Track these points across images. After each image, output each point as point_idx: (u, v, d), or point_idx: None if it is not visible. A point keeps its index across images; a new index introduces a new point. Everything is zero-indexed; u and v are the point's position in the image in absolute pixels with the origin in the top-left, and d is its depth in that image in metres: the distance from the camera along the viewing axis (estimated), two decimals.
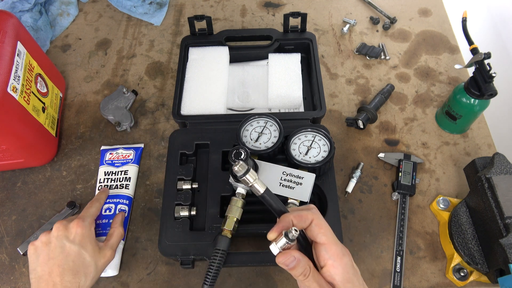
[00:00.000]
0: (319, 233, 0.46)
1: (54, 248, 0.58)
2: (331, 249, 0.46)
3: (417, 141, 0.83)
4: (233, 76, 0.86)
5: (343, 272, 0.45)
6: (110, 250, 0.62)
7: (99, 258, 0.60)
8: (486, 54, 0.71)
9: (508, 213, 0.59)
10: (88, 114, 0.88)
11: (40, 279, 0.57)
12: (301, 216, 0.47)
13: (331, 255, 0.46)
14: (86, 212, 0.65)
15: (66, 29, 1.03)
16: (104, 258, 0.61)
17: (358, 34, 1.00)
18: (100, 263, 0.60)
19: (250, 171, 0.48)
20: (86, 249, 0.59)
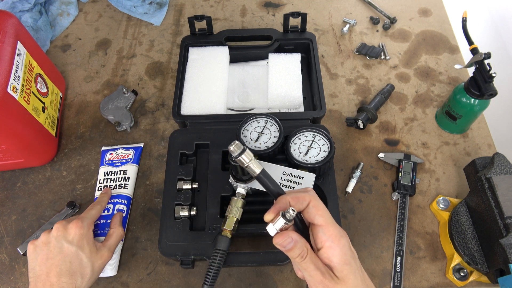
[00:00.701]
0: (316, 215, 0.46)
1: (53, 248, 0.59)
2: (328, 231, 0.45)
3: (417, 141, 0.83)
4: (233, 76, 0.86)
5: (341, 254, 0.45)
6: (107, 251, 0.62)
7: (96, 259, 0.60)
8: (486, 54, 0.71)
9: (508, 213, 0.59)
10: (88, 114, 0.88)
11: (38, 278, 0.57)
12: (298, 198, 0.46)
13: (328, 237, 0.45)
14: (86, 214, 0.65)
15: (66, 29, 1.03)
16: (101, 259, 0.61)
17: (358, 34, 1.00)
18: (97, 264, 0.60)
19: (246, 151, 0.47)
20: (83, 250, 0.59)
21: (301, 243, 0.45)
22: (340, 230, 0.46)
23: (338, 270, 0.45)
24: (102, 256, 0.61)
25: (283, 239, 0.44)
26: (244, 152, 0.47)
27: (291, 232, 0.45)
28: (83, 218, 0.63)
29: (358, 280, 0.45)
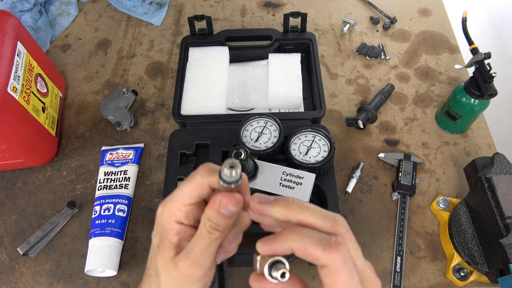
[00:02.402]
0: (329, 287, 0.32)
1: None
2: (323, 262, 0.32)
3: (417, 141, 0.83)
4: (233, 76, 0.86)
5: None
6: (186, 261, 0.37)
7: (166, 268, 0.39)
8: (486, 54, 0.71)
9: (508, 213, 0.59)
10: (88, 114, 0.88)
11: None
12: (309, 253, 0.32)
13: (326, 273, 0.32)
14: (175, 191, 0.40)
15: (66, 29, 1.03)
16: (175, 271, 0.38)
17: (358, 34, 1.00)
18: (166, 277, 0.39)
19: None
20: (158, 247, 0.40)
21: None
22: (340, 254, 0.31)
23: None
24: (176, 266, 0.37)
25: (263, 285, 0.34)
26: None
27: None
28: (170, 197, 0.39)
29: None
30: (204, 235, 0.36)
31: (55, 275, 0.70)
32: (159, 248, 0.39)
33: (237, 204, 0.36)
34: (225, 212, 0.36)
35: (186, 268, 0.36)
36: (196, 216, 0.39)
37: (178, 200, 0.38)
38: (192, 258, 0.36)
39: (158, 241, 0.39)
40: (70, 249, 0.72)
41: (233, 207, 0.36)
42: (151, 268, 0.41)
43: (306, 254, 0.32)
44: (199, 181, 0.37)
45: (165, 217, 0.38)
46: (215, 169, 0.37)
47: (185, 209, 0.38)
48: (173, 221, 0.38)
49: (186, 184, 0.38)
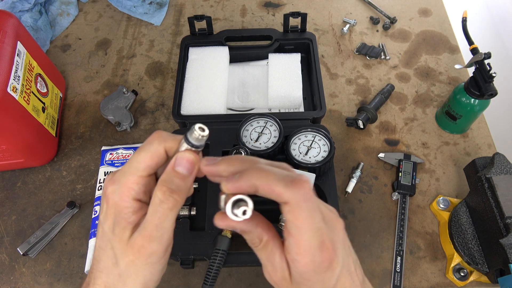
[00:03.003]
0: (292, 224, 0.33)
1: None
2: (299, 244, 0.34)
3: (417, 141, 0.83)
4: (233, 76, 0.86)
5: (308, 253, 0.33)
6: (143, 238, 0.35)
7: (122, 251, 0.36)
8: (486, 54, 0.71)
9: (508, 213, 0.59)
10: (88, 114, 0.88)
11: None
12: (272, 188, 0.33)
13: (297, 249, 0.34)
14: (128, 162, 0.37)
15: (66, 29, 1.03)
16: (132, 253, 0.35)
17: (358, 34, 1.00)
18: (124, 262, 0.36)
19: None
20: (108, 228, 0.37)
21: (256, 233, 0.36)
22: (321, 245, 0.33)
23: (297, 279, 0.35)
24: (133, 247, 0.35)
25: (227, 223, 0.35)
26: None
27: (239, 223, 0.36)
28: (123, 172, 0.36)
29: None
30: (158, 206, 0.34)
31: (55, 275, 0.70)
32: (114, 231, 0.35)
33: (193, 162, 0.35)
34: (181, 170, 0.34)
35: (144, 247, 0.34)
36: (151, 191, 0.35)
37: (134, 173, 0.35)
38: (147, 234, 0.34)
39: (112, 225, 0.35)
40: (70, 249, 0.72)
41: (189, 164, 0.34)
42: (103, 260, 0.37)
43: (270, 191, 0.33)
44: (156, 148, 0.35)
45: (119, 195, 0.35)
46: (170, 135, 0.36)
47: (143, 181, 0.35)
48: (129, 199, 0.35)
49: (141, 153, 0.35)
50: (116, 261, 0.36)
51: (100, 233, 0.37)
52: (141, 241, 0.34)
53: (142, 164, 0.35)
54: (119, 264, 0.35)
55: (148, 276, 0.36)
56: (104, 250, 0.36)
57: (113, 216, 0.35)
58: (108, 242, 0.36)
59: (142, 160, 0.35)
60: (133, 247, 0.34)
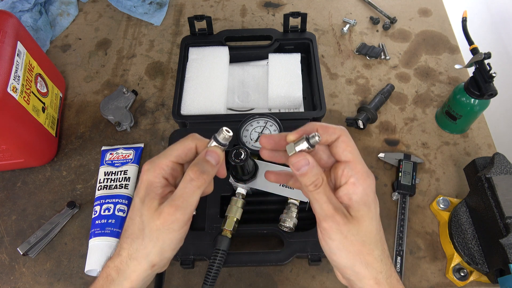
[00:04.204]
0: (345, 150, 0.42)
1: None
2: (356, 167, 0.41)
3: (417, 141, 0.83)
4: (233, 76, 0.86)
5: (363, 193, 0.41)
6: (170, 207, 0.42)
7: (151, 217, 0.42)
8: (486, 54, 0.71)
9: (508, 213, 0.59)
10: (88, 114, 0.88)
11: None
12: (328, 128, 0.42)
13: (354, 173, 0.41)
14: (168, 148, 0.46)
15: (66, 29, 1.03)
16: (159, 219, 0.42)
17: (358, 34, 1.00)
18: (153, 226, 0.42)
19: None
20: (139, 198, 0.44)
21: (318, 169, 0.41)
22: (368, 171, 0.42)
23: (355, 209, 0.41)
24: (160, 214, 0.41)
25: (300, 158, 0.41)
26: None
27: (309, 155, 0.41)
28: (158, 156, 0.45)
29: (373, 227, 0.41)
30: (188, 183, 0.42)
31: (55, 275, 0.70)
32: (145, 201, 0.43)
33: (219, 155, 0.44)
34: (210, 159, 0.43)
35: (170, 214, 0.41)
36: (176, 178, 0.45)
37: (167, 157, 0.44)
38: (175, 204, 0.42)
39: (143, 195, 0.43)
40: (70, 249, 0.72)
41: (217, 156, 0.44)
42: (130, 228, 0.44)
43: (325, 129, 0.42)
44: (189, 143, 0.45)
45: (152, 173, 0.43)
46: (202, 138, 0.46)
47: (172, 165, 0.44)
48: (160, 175, 0.43)
49: (177, 145, 0.45)
50: (143, 227, 0.42)
51: (132, 205, 0.44)
52: (168, 209, 0.41)
53: (175, 152, 0.44)
54: (144, 229, 0.42)
55: (167, 242, 0.43)
56: (133, 219, 0.43)
57: (145, 189, 0.43)
58: (138, 211, 0.43)
59: (176, 149, 0.44)
60: (160, 214, 0.41)
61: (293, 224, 0.61)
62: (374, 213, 0.42)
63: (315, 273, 0.68)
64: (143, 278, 0.44)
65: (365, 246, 0.41)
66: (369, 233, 0.41)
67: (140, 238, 0.42)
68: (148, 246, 0.42)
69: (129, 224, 0.44)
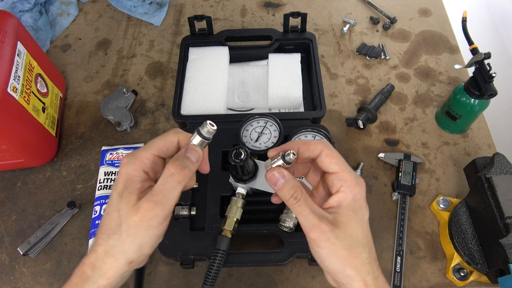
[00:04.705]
0: (330, 163, 0.44)
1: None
2: (344, 177, 0.43)
3: (417, 141, 0.83)
4: (233, 76, 0.86)
5: (352, 200, 0.43)
6: (149, 202, 0.41)
7: (129, 212, 0.41)
8: (486, 54, 0.71)
9: (508, 213, 0.59)
10: (88, 114, 0.88)
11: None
12: (309, 145, 0.44)
13: (344, 182, 0.43)
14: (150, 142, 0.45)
15: (66, 29, 1.03)
16: (137, 214, 0.41)
17: (358, 34, 1.00)
18: (131, 221, 0.41)
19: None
20: (116, 192, 0.43)
21: (294, 182, 0.43)
22: (357, 178, 0.44)
23: (342, 214, 0.43)
24: (139, 210, 0.40)
25: (274, 172, 0.43)
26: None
27: (285, 170, 0.44)
28: (138, 149, 0.44)
29: (359, 231, 0.43)
30: (168, 177, 0.41)
31: (55, 275, 0.70)
32: (123, 195, 0.41)
33: (199, 153, 0.44)
34: (191, 156, 0.43)
35: (149, 210, 0.40)
36: (157, 172, 0.44)
37: (148, 150, 0.43)
38: (154, 199, 0.41)
39: (122, 189, 0.42)
40: (70, 249, 0.72)
41: (197, 154, 0.43)
42: (106, 223, 0.42)
43: (307, 145, 0.44)
44: (171, 137, 0.44)
45: (132, 166, 0.42)
46: (184, 132, 0.45)
47: (153, 158, 0.43)
48: (140, 169, 0.42)
49: (158, 138, 0.44)
50: (120, 222, 0.41)
51: (109, 200, 0.43)
52: (147, 204, 0.40)
53: (156, 145, 0.43)
54: (122, 225, 0.41)
55: (146, 239, 0.42)
56: (110, 214, 0.42)
57: (123, 183, 0.42)
58: (115, 206, 0.42)
59: (157, 142, 0.44)
60: (139, 209, 0.40)
61: (293, 224, 0.61)
62: (361, 218, 0.44)
63: (315, 273, 0.68)
64: (120, 275, 0.43)
65: (353, 249, 0.42)
66: (355, 236, 0.43)
67: (117, 234, 0.41)
68: (125, 242, 0.41)
69: (106, 219, 0.43)
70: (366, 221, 0.45)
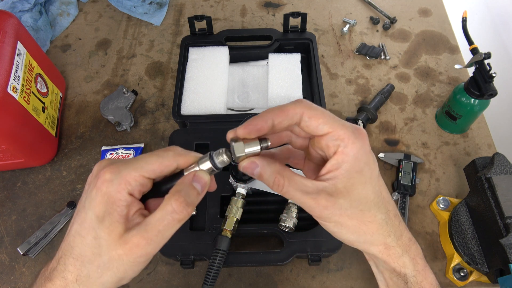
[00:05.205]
0: (318, 125, 0.36)
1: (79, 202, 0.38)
2: (339, 135, 0.36)
3: (417, 141, 0.83)
4: (233, 76, 0.86)
5: (353, 159, 0.36)
6: (139, 237, 0.35)
7: (114, 245, 0.35)
8: (486, 54, 0.71)
9: (508, 213, 0.59)
10: (88, 114, 0.88)
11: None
12: (286, 111, 0.36)
13: (340, 141, 0.36)
14: (138, 159, 0.38)
15: (66, 29, 1.03)
16: (124, 248, 0.35)
17: (358, 34, 1.00)
18: (115, 254, 0.35)
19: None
20: (102, 222, 0.36)
21: (270, 170, 0.37)
22: (355, 131, 0.37)
23: (344, 178, 0.36)
24: (126, 244, 0.35)
25: (244, 165, 0.37)
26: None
27: (256, 158, 0.37)
28: (125, 165, 0.36)
29: (368, 191, 0.37)
30: (168, 214, 0.35)
31: None
32: (104, 222, 0.35)
33: (207, 183, 0.37)
34: (198, 187, 0.36)
35: (139, 247, 0.34)
36: (142, 192, 0.37)
37: (138, 170, 0.35)
38: (147, 236, 0.34)
39: (102, 213, 0.35)
40: None
41: (205, 184, 0.36)
42: (79, 247, 0.35)
43: (282, 113, 0.36)
44: (169, 159, 0.37)
45: (116, 186, 0.35)
46: (186, 152, 0.38)
47: (142, 181, 0.36)
48: (125, 192, 0.35)
49: (153, 157, 0.37)
50: (99, 252, 0.35)
51: (81, 218, 0.36)
52: (138, 240, 0.34)
53: (150, 166, 0.36)
54: (101, 256, 0.35)
55: (129, 273, 0.36)
56: (83, 237, 0.35)
57: (104, 205, 0.35)
58: (92, 230, 0.35)
59: (151, 162, 0.36)
60: (127, 244, 0.34)
61: (293, 224, 0.61)
62: (369, 176, 0.37)
63: (315, 273, 0.68)
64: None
65: (365, 214, 0.37)
66: (364, 199, 0.37)
67: (95, 265, 0.35)
68: (104, 276, 0.35)
69: (78, 242, 0.36)
70: (376, 177, 0.38)
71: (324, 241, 0.61)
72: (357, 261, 0.69)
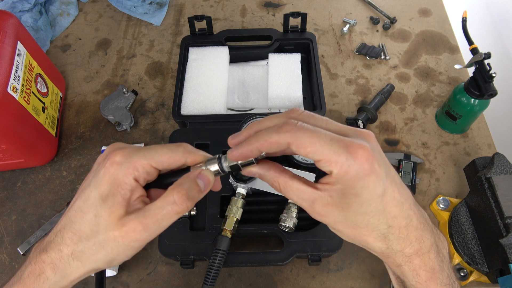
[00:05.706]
0: (307, 154, 0.34)
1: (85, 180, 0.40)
2: (329, 160, 0.34)
3: (417, 141, 0.83)
4: (233, 76, 0.86)
5: (347, 185, 0.34)
6: (137, 223, 0.36)
7: (113, 226, 0.36)
8: (486, 54, 0.71)
9: (508, 213, 0.59)
10: (88, 114, 0.88)
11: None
12: (270, 144, 0.35)
13: (333, 168, 0.34)
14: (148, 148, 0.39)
15: (66, 29, 1.03)
16: (122, 231, 0.36)
17: (358, 34, 1.00)
18: (112, 235, 0.36)
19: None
20: (105, 202, 0.37)
21: (268, 177, 0.38)
22: (351, 153, 0.33)
23: (338, 197, 0.35)
24: (123, 226, 0.36)
25: (245, 173, 0.39)
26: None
27: (253, 168, 0.39)
28: (136, 151, 0.38)
29: (365, 210, 0.35)
30: (168, 204, 0.36)
31: None
32: (107, 202, 0.36)
33: (211, 183, 0.38)
34: (201, 184, 0.37)
35: (135, 232, 0.36)
36: (147, 180, 0.38)
37: (147, 159, 0.37)
38: (145, 222, 0.36)
39: (106, 193, 0.36)
40: None
41: (208, 183, 0.38)
42: (79, 222, 0.37)
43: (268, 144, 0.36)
44: (179, 154, 0.38)
45: (124, 170, 0.36)
46: (196, 151, 0.39)
47: (149, 169, 0.37)
48: (132, 176, 0.36)
49: (165, 149, 0.38)
50: (97, 230, 0.36)
51: (85, 195, 0.37)
52: (135, 225, 0.35)
53: (160, 157, 0.37)
54: (99, 234, 0.36)
55: (121, 255, 0.37)
56: (85, 213, 0.37)
57: (109, 186, 0.36)
58: (94, 208, 0.36)
59: (162, 153, 0.38)
60: (124, 226, 0.36)
61: (293, 224, 0.61)
62: (367, 199, 0.35)
63: (315, 273, 0.68)
64: (83, 278, 0.39)
65: (361, 229, 0.37)
66: (360, 217, 0.36)
67: (91, 242, 0.36)
68: (98, 253, 0.37)
69: (78, 217, 0.37)
70: (378, 197, 0.35)
71: (324, 241, 0.61)
72: (357, 261, 0.69)
